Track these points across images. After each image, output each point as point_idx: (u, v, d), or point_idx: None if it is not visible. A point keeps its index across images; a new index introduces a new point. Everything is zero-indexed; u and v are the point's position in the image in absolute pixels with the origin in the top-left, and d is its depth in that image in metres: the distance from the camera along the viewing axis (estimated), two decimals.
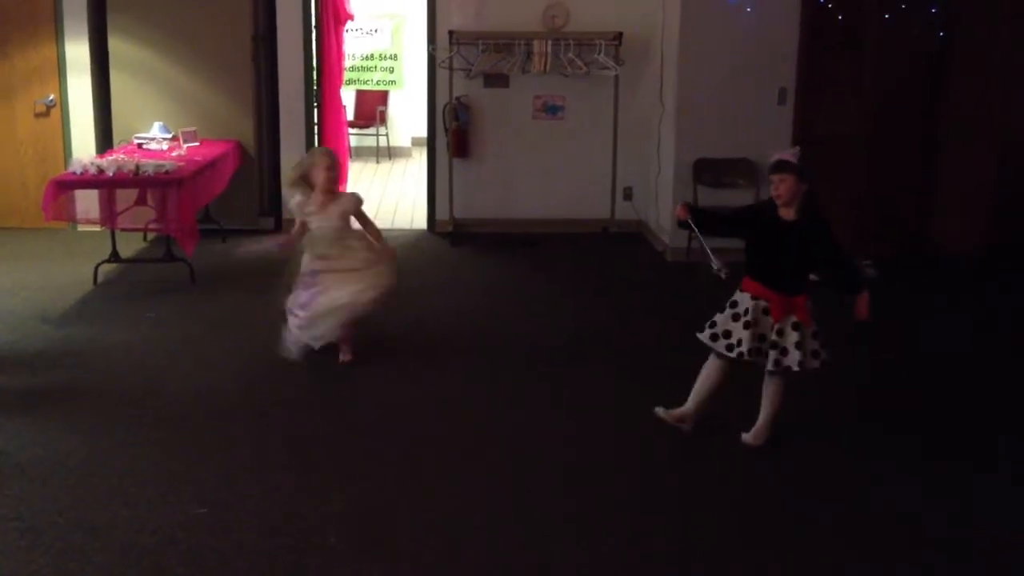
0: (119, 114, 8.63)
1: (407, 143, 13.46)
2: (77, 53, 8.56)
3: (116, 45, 8.53)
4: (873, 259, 7.77)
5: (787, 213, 4.53)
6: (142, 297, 6.97)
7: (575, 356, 5.97)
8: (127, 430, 4.82)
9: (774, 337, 4.51)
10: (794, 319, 4.51)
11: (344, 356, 5.73)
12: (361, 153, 13.03)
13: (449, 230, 8.87)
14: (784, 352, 4.51)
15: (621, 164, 8.90)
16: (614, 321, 6.70)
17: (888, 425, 5.02)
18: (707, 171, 8.02)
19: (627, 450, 4.73)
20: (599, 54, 8.50)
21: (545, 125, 8.97)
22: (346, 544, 3.84)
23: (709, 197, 7.91)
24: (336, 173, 5.61)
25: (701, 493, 4.32)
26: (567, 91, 8.85)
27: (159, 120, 8.40)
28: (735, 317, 4.58)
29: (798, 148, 4.63)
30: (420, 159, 11.55)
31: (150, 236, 8.24)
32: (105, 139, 8.73)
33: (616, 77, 8.63)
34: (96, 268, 7.27)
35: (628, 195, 9.06)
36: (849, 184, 8.14)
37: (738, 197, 7.98)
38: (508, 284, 7.59)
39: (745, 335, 4.52)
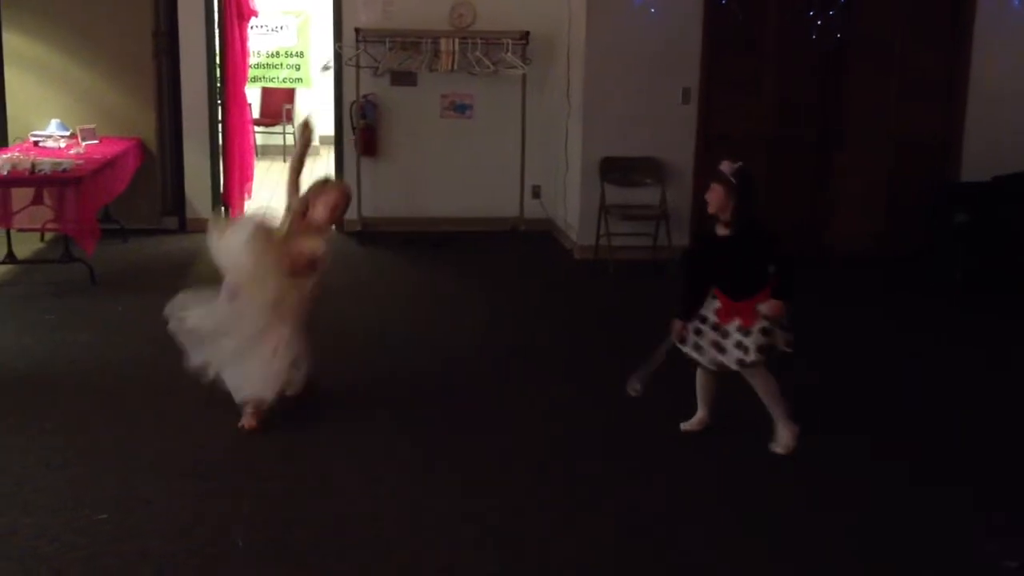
0: (14, 111, 8.40)
1: (315, 141, 13.29)
2: None
3: (11, 40, 8.29)
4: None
5: (722, 229, 4.56)
6: (40, 299, 6.78)
7: (486, 355, 6.00)
8: (25, 436, 4.69)
9: (718, 337, 4.59)
10: (738, 322, 4.55)
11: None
12: (267, 152, 12.86)
13: (357, 229, 8.82)
14: (722, 350, 4.58)
15: (529, 162, 8.95)
16: (525, 319, 6.73)
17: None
18: (613, 169, 8.10)
19: (554, 447, 4.76)
20: (506, 53, 8.54)
21: (453, 124, 8.98)
22: (253, 547, 3.79)
23: (616, 195, 8.01)
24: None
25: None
26: (475, 90, 8.86)
27: (56, 117, 8.18)
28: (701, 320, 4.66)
29: (740, 164, 4.55)
30: (328, 157, 11.44)
31: (48, 236, 8.02)
32: (0, 137, 8.47)
33: (523, 76, 8.67)
34: None
35: (536, 193, 9.12)
36: None
37: (645, 195, 8.11)
38: (417, 283, 7.58)
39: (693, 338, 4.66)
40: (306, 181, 4.95)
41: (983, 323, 6.89)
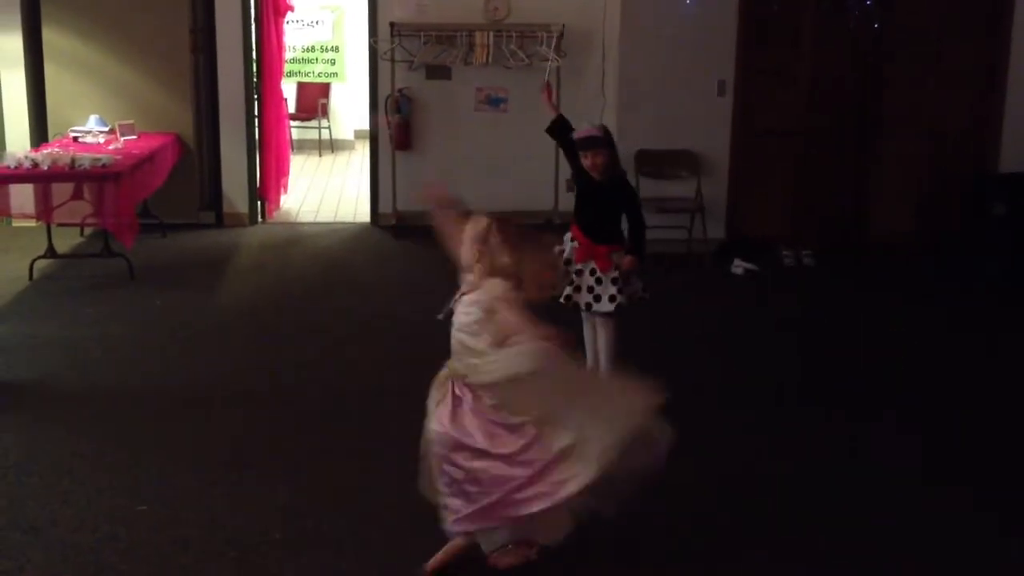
0: (54, 107, 8.49)
1: (350, 136, 13.38)
2: (10, 45, 8.39)
3: (51, 37, 8.38)
4: (811, 249, 7.92)
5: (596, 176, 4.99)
6: (79, 293, 6.86)
7: None
8: (66, 427, 4.75)
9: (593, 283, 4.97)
10: (592, 265, 4.94)
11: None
12: (303, 146, 12.92)
13: (393, 223, 8.85)
14: (578, 290, 4.97)
15: (564, 156, 8.90)
16: (559, 312, 6.71)
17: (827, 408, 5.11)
18: (648, 162, 8.07)
19: None
20: (541, 46, 8.52)
21: (488, 117, 8.97)
22: (290, 537, 3.82)
23: (652, 188, 7.97)
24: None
25: None
26: (509, 83, 8.85)
27: (95, 113, 8.26)
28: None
29: (601, 124, 5.13)
30: (363, 152, 11.49)
31: (87, 231, 8.11)
32: (40, 133, 8.58)
33: (558, 69, 8.65)
34: (32, 264, 7.14)
35: (571, 187, 9.09)
36: (787, 174, 8.24)
37: (681, 188, 8.07)
38: (452, 277, 7.58)
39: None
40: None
41: (1020, 315, 6.80)
